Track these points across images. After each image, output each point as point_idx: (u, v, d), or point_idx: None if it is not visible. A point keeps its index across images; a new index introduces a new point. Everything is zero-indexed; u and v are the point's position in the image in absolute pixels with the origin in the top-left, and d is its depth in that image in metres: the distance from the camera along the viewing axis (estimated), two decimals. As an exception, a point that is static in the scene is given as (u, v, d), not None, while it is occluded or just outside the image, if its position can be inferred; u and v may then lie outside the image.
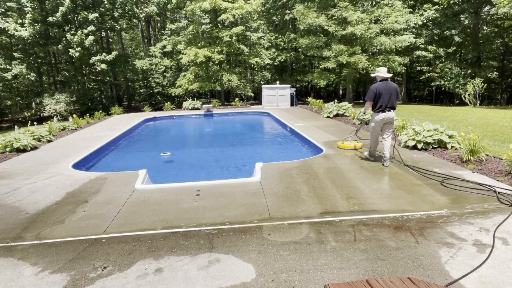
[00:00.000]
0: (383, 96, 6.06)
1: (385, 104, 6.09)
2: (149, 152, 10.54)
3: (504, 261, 3.13)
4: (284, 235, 3.80)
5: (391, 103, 6.13)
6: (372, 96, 6.14)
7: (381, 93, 6.06)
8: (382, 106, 6.10)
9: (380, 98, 6.08)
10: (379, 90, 6.07)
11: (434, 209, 4.35)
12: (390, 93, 6.08)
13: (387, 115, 6.16)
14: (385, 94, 6.06)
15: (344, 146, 7.89)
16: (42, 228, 4.23)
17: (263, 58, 25.39)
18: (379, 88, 6.08)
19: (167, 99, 24.51)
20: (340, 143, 8.05)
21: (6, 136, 9.82)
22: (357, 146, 7.78)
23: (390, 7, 21.23)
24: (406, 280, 2.08)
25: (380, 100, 6.09)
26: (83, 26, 22.72)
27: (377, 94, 6.09)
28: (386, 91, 6.07)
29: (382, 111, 6.13)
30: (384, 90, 6.06)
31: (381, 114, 6.15)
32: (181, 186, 5.74)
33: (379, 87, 6.10)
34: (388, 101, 6.09)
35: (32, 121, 14.85)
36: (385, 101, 6.09)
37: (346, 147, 7.84)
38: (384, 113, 6.13)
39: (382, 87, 6.09)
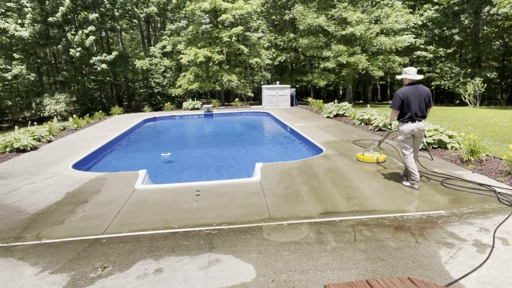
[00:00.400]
0: (413, 103, 4.99)
1: (414, 112, 5.01)
2: (149, 152, 10.54)
3: (504, 261, 3.13)
4: (284, 235, 3.80)
5: (422, 111, 5.05)
6: (399, 104, 5.05)
7: (409, 100, 4.99)
8: (410, 115, 5.02)
9: (409, 105, 5.01)
10: (407, 96, 4.99)
11: (434, 209, 4.34)
12: (421, 99, 5.01)
13: (418, 126, 5.05)
14: (415, 100, 5.00)
15: (364, 158, 6.75)
16: (42, 228, 4.23)
17: (263, 58, 25.40)
18: (407, 94, 5.00)
19: (167, 99, 24.52)
20: (359, 155, 6.89)
21: (6, 136, 9.83)
22: (380, 159, 6.67)
23: (390, 7, 21.24)
24: (406, 280, 2.08)
25: (408, 108, 5.02)
26: (83, 26, 22.73)
27: (405, 101, 5.01)
28: (416, 97, 5.00)
29: (412, 121, 5.04)
30: (413, 96, 4.99)
31: (410, 125, 5.05)
32: (181, 186, 5.74)
33: (407, 92, 5.01)
34: (418, 108, 5.01)
35: (32, 121, 14.86)
36: (414, 109, 5.00)
37: (367, 159, 6.71)
38: (414, 123, 5.04)
39: (411, 92, 5.00)
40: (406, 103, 5.01)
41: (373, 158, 6.68)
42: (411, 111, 5.01)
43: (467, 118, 12.93)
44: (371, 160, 6.68)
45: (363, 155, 6.85)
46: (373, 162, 6.64)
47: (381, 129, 8.22)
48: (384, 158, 6.74)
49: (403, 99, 5.01)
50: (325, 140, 9.09)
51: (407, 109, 5.04)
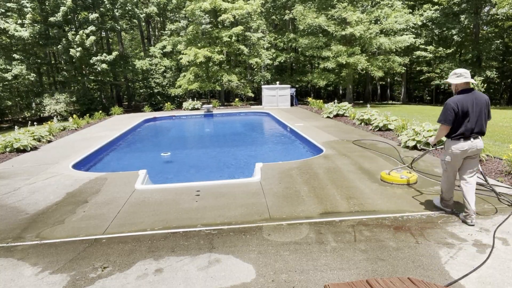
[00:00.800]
0: (469, 116, 3.83)
1: (471, 128, 3.85)
2: (149, 153, 10.54)
3: (504, 261, 3.13)
4: (284, 235, 3.80)
5: (480, 126, 3.88)
6: (451, 118, 3.87)
7: (465, 112, 3.82)
8: (466, 131, 3.85)
9: (464, 118, 3.85)
10: (463, 107, 3.82)
11: (434, 209, 4.34)
12: (479, 110, 3.84)
13: (473, 144, 3.88)
14: (473, 112, 3.82)
15: (391, 179, 5.55)
16: (42, 228, 4.23)
17: (263, 58, 25.41)
18: (463, 104, 3.82)
19: (167, 99, 24.52)
20: (384, 174, 5.69)
21: (6, 136, 9.82)
22: (410, 180, 5.45)
23: (390, 7, 21.24)
24: (406, 281, 2.08)
25: (464, 121, 3.85)
26: (83, 26, 22.73)
27: (459, 113, 3.84)
28: (475, 108, 3.83)
29: (466, 138, 3.88)
30: (470, 106, 3.82)
31: (464, 143, 3.88)
32: (181, 186, 5.74)
33: (463, 102, 3.82)
34: (476, 123, 3.85)
35: (32, 122, 14.85)
36: (471, 123, 3.84)
37: (394, 180, 5.50)
38: (468, 141, 3.88)
39: (467, 101, 3.82)
40: (461, 115, 3.85)
41: (402, 178, 5.46)
42: (468, 126, 3.84)
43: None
44: (399, 181, 5.46)
45: (389, 174, 5.63)
46: (402, 184, 5.42)
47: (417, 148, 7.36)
48: (415, 179, 5.51)
49: (458, 111, 3.83)
50: (325, 140, 9.09)
51: (461, 123, 3.87)
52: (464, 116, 3.84)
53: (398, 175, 5.54)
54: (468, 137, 3.88)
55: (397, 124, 9.89)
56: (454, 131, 3.94)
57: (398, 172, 5.64)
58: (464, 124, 3.85)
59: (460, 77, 3.89)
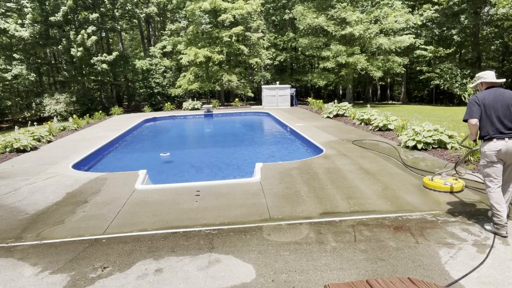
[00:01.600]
0: (495, 112, 3.63)
1: (500, 124, 3.62)
2: (149, 153, 10.54)
3: (504, 261, 3.13)
4: (284, 235, 3.80)
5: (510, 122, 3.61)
6: (477, 111, 3.68)
7: (490, 107, 3.65)
8: (496, 129, 3.63)
9: (489, 114, 3.65)
10: (487, 103, 3.66)
11: (434, 209, 4.35)
12: (507, 106, 3.62)
13: (508, 144, 3.58)
14: (499, 108, 3.63)
15: (434, 186, 5.13)
16: (42, 228, 4.23)
17: (263, 58, 25.40)
18: (487, 100, 3.67)
19: (167, 99, 24.52)
20: (427, 180, 5.27)
21: (6, 136, 9.82)
22: (455, 187, 5.00)
23: (390, 7, 21.24)
24: (406, 281, 2.08)
25: (490, 119, 3.65)
26: (83, 26, 22.72)
27: (484, 109, 3.67)
28: (500, 104, 3.63)
29: (499, 138, 3.61)
30: (494, 101, 3.65)
31: (497, 143, 3.61)
32: (181, 186, 5.74)
33: (487, 97, 3.68)
34: (505, 119, 3.61)
35: (32, 122, 14.84)
36: (498, 119, 3.62)
37: (438, 187, 5.08)
38: (502, 141, 3.60)
39: (491, 97, 3.67)
40: (486, 112, 3.66)
41: (445, 185, 5.03)
42: (496, 123, 3.63)
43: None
44: (442, 188, 5.04)
45: (432, 180, 5.23)
46: (445, 191, 5.00)
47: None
48: (461, 187, 5.06)
49: (479, 104, 3.68)
50: (325, 140, 9.09)
51: (488, 121, 3.67)
52: (490, 113, 3.64)
53: (441, 181, 5.12)
54: (503, 136, 3.60)
55: (397, 124, 9.89)
56: (484, 130, 3.70)
57: (442, 178, 5.21)
58: (491, 121, 3.64)
59: (480, 79, 3.85)
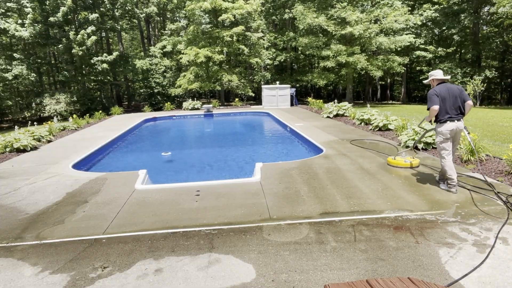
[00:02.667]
0: (448, 101, 4.81)
1: (452, 110, 4.81)
2: (149, 152, 10.54)
3: (504, 261, 3.13)
4: (284, 235, 3.80)
5: (458, 108, 4.83)
6: (436, 100, 4.81)
7: (444, 98, 4.81)
8: (448, 113, 4.80)
9: (445, 104, 4.82)
10: (442, 94, 4.81)
11: (434, 209, 4.34)
12: (455, 96, 4.81)
13: (457, 125, 4.81)
14: (449, 98, 4.81)
15: (396, 163, 6.37)
16: (42, 228, 4.23)
17: (263, 58, 25.39)
18: (441, 92, 4.83)
19: (167, 99, 24.52)
20: (391, 159, 6.53)
21: (6, 136, 9.83)
22: (413, 163, 6.24)
23: (390, 7, 21.23)
24: (406, 280, 2.08)
25: (445, 107, 4.82)
26: (83, 26, 22.73)
27: (441, 100, 4.83)
28: (450, 95, 4.82)
29: (450, 119, 4.80)
30: (446, 93, 4.82)
31: (449, 124, 4.80)
32: (181, 186, 5.74)
33: (441, 90, 4.85)
34: (454, 105, 4.81)
35: (32, 121, 14.85)
36: (450, 106, 4.81)
37: (399, 164, 6.32)
38: (452, 122, 4.80)
39: (443, 90, 4.84)
40: (441, 100, 4.80)
41: (406, 162, 6.25)
42: (448, 109, 4.79)
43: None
44: (403, 164, 6.25)
45: (394, 159, 6.45)
46: (406, 167, 6.20)
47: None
48: (418, 163, 6.31)
49: (438, 95, 4.81)
50: (325, 140, 9.09)
51: (443, 109, 4.80)
52: (444, 101, 4.81)
53: (402, 160, 6.36)
54: (452, 119, 4.81)
55: (397, 124, 9.89)
56: (440, 115, 4.86)
57: (402, 157, 6.48)
58: (445, 109, 4.81)
59: (432, 76, 5.11)
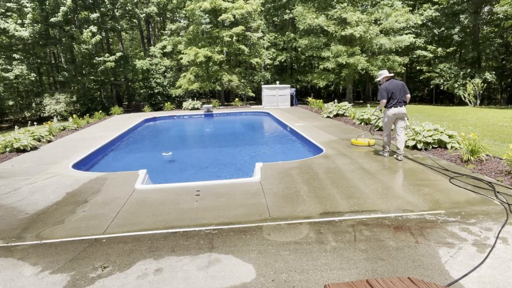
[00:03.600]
0: (394, 93, 6.53)
1: (396, 99, 6.54)
2: (149, 152, 10.54)
3: (504, 261, 3.13)
4: (284, 235, 3.80)
5: (401, 97, 6.58)
6: (385, 94, 6.56)
7: (391, 91, 6.53)
8: (394, 101, 6.55)
9: (392, 94, 6.54)
10: (389, 88, 6.55)
11: (435, 209, 4.34)
12: (399, 89, 6.57)
13: (399, 110, 6.58)
14: (395, 90, 6.53)
15: (357, 143, 8.35)
16: (42, 228, 4.23)
17: (263, 58, 25.38)
18: (389, 86, 6.57)
19: (167, 99, 24.52)
20: (353, 140, 8.53)
21: (6, 136, 9.83)
22: (370, 142, 8.28)
23: (390, 7, 21.22)
24: (406, 280, 2.08)
25: (392, 96, 6.55)
26: (83, 26, 22.73)
27: (389, 92, 6.54)
28: (395, 88, 6.55)
29: (395, 106, 6.57)
30: (393, 87, 6.55)
31: (394, 109, 6.59)
32: (181, 186, 5.74)
33: (388, 85, 6.59)
34: (398, 95, 6.54)
35: (32, 121, 14.86)
36: (396, 96, 6.54)
37: (360, 143, 8.30)
38: (396, 108, 6.57)
39: (390, 85, 6.59)
40: (389, 93, 6.55)
41: (364, 142, 8.28)
42: (394, 98, 6.55)
43: (467, 118, 12.92)
44: (363, 144, 8.27)
45: (356, 140, 8.49)
46: (365, 146, 8.23)
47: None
48: (374, 142, 8.37)
49: (387, 90, 6.55)
50: (325, 140, 9.09)
51: (391, 98, 6.58)
52: (391, 93, 6.55)
53: (362, 140, 8.36)
54: (396, 105, 6.57)
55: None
56: (388, 103, 6.63)
57: (362, 138, 8.50)
58: (392, 98, 6.56)
59: (381, 75, 6.82)
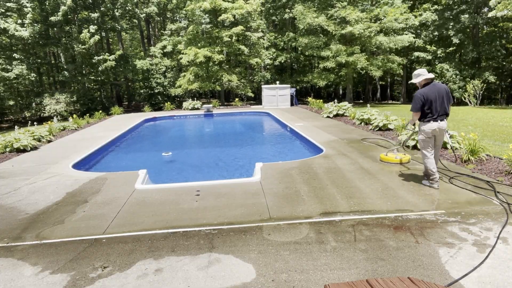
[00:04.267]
0: (434, 102, 4.90)
1: (436, 111, 4.92)
2: (149, 152, 10.54)
3: (504, 261, 3.13)
4: (284, 235, 3.80)
5: (444, 109, 4.95)
6: (419, 105, 4.94)
7: (430, 100, 4.89)
8: (433, 114, 4.93)
9: (430, 105, 4.91)
10: (427, 96, 4.88)
11: (435, 209, 4.34)
12: (441, 97, 4.91)
13: (440, 125, 4.95)
14: (435, 99, 4.89)
15: (387, 159, 6.70)
16: (42, 228, 4.23)
17: (263, 58, 25.38)
18: (427, 94, 4.89)
19: (167, 99, 24.53)
20: (383, 156, 6.86)
21: (6, 136, 9.83)
22: (403, 159, 6.56)
23: (390, 6, 21.22)
24: (406, 280, 2.08)
25: (430, 107, 4.92)
26: (83, 26, 22.73)
27: (425, 101, 4.91)
28: (436, 96, 4.90)
29: (434, 120, 4.94)
30: (433, 94, 4.89)
31: (433, 124, 4.94)
32: (181, 186, 5.74)
33: (427, 92, 4.90)
34: (440, 107, 4.91)
35: (32, 121, 14.86)
36: (436, 108, 4.91)
37: (390, 160, 6.65)
38: (436, 122, 4.94)
39: (430, 91, 4.90)
40: (427, 103, 4.90)
41: (396, 159, 6.57)
42: (434, 110, 4.90)
43: (467, 118, 12.93)
44: (394, 160, 6.59)
45: (386, 155, 6.77)
46: (396, 163, 6.54)
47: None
48: (408, 159, 6.60)
49: (424, 99, 4.89)
50: (325, 140, 9.09)
51: (428, 109, 4.92)
52: (430, 103, 4.89)
53: (393, 156, 6.67)
54: (436, 119, 4.93)
55: (397, 123, 9.89)
56: (425, 115, 4.99)
57: (394, 153, 6.75)
58: (431, 109, 4.91)
59: (419, 76, 5.03)
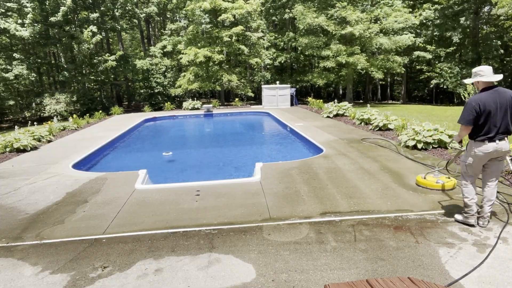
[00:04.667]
0: (493, 115, 3.55)
1: (495, 127, 3.57)
2: (149, 152, 10.54)
3: (504, 261, 3.13)
4: (284, 235, 3.80)
5: (506, 125, 3.60)
6: (472, 117, 3.59)
7: (488, 111, 3.54)
8: (490, 131, 3.58)
9: (487, 118, 3.56)
10: (486, 106, 3.54)
11: (435, 209, 4.34)
12: (504, 109, 3.56)
13: (499, 146, 3.60)
14: (496, 111, 3.55)
15: (426, 183, 5.13)
16: (42, 228, 4.23)
17: (263, 58, 25.37)
18: (485, 102, 3.54)
19: (168, 99, 24.53)
20: (420, 178, 5.27)
21: (6, 136, 9.83)
22: (446, 185, 5.02)
23: (390, 7, 21.21)
24: (406, 280, 2.08)
25: (487, 121, 3.57)
26: (83, 26, 22.73)
27: (482, 113, 3.56)
28: (498, 107, 3.55)
29: (491, 139, 3.59)
30: (493, 104, 3.54)
31: (489, 145, 3.60)
32: (181, 186, 5.74)
33: (485, 100, 3.55)
34: (501, 122, 3.57)
35: (32, 121, 14.85)
36: (495, 122, 3.56)
37: (430, 185, 5.08)
38: (493, 143, 3.60)
39: (489, 100, 3.55)
40: (484, 115, 3.56)
41: (437, 183, 5.02)
42: (492, 126, 3.57)
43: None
44: (434, 186, 5.04)
45: (424, 178, 5.20)
46: (437, 189, 5.00)
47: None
48: (453, 185, 5.05)
49: (480, 110, 3.55)
50: (325, 140, 9.09)
51: (485, 123, 3.59)
52: (487, 115, 3.55)
53: (433, 179, 5.10)
54: (494, 138, 3.58)
55: (397, 123, 9.89)
56: (479, 131, 3.63)
57: (435, 176, 5.15)
58: (488, 123, 3.57)
59: (476, 76, 3.68)
